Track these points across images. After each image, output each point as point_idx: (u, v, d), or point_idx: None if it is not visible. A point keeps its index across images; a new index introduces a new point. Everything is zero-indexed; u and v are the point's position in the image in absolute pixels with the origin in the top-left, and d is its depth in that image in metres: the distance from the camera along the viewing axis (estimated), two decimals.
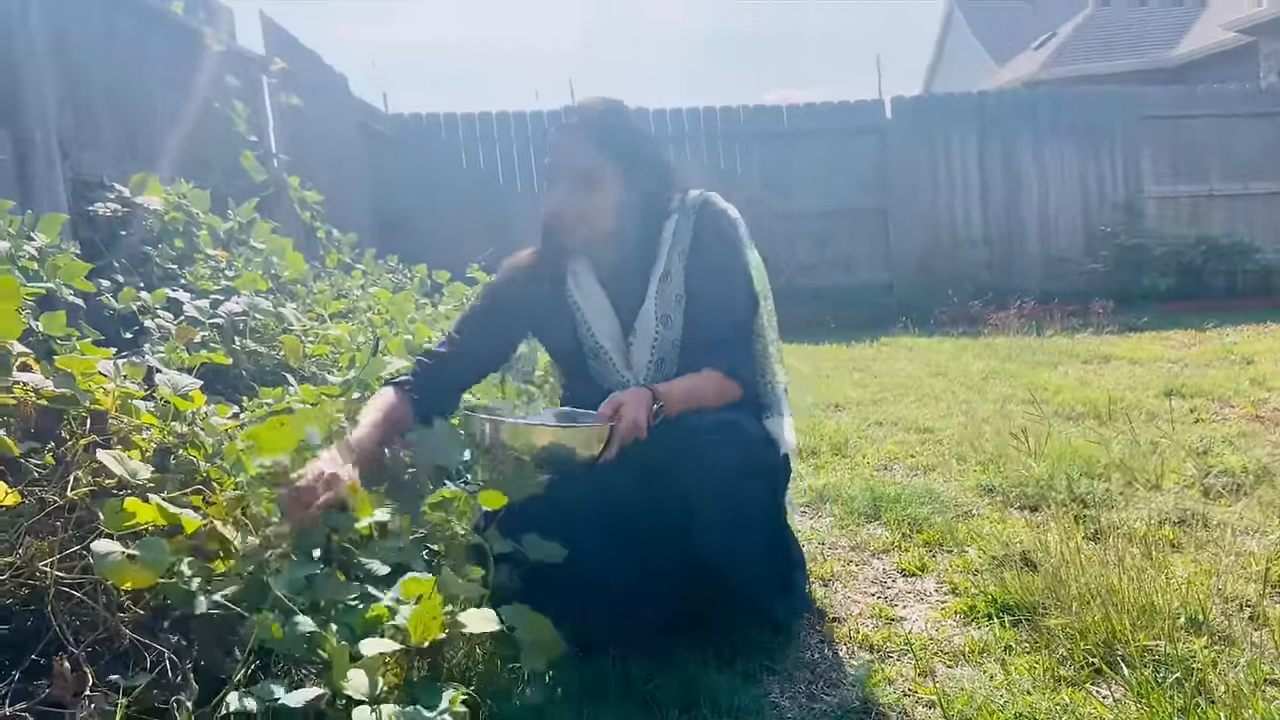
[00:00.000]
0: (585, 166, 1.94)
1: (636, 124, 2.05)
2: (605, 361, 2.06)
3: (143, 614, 1.50)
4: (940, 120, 10.33)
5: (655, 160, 2.04)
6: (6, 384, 1.67)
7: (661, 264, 2.02)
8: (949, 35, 27.92)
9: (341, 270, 5.20)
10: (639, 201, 2.00)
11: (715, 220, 2.07)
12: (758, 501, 1.94)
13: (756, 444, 1.93)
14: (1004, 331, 7.77)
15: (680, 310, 2.02)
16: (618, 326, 2.05)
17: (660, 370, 2.03)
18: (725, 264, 2.04)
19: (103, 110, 3.81)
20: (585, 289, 2.06)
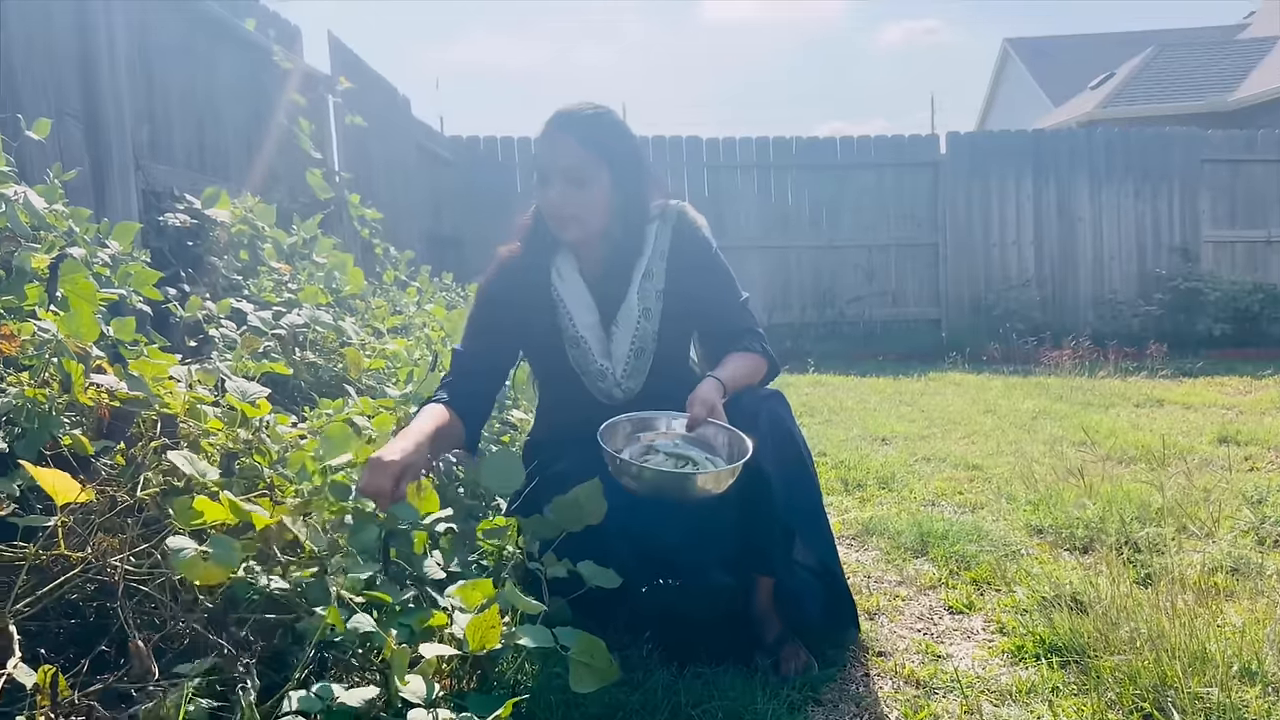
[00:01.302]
0: (576, 166, 2.03)
1: (623, 129, 2.13)
2: (585, 350, 2.17)
3: (206, 612, 1.53)
4: (995, 157, 10.29)
5: (642, 164, 2.13)
6: (84, 385, 1.73)
7: (644, 263, 2.15)
8: (1004, 73, 27.78)
9: (397, 287, 5.29)
10: (626, 202, 2.10)
11: (693, 227, 2.21)
12: (802, 444, 2.06)
13: (790, 408, 2.11)
14: (1055, 371, 7.69)
15: (659, 305, 2.15)
16: (598, 318, 2.16)
17: (640, 359, 2.16)
18: (712, 263, 2.20)
19: (176, 124, 3.92)
20: (567, 281, 2.17)
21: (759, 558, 2.00)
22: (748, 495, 1.90)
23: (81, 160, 3.01)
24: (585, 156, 2.01)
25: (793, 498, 1.96)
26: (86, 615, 1.63)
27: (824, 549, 2.10)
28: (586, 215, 2.05)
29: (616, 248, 2.13)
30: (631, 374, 2.14)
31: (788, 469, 1.95)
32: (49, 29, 2.94)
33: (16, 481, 1.54)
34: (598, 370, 2.15)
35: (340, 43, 5.93)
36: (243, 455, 1.85)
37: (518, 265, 2.20)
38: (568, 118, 2.05)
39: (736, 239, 9.81)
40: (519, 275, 2.19)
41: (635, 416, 2.01)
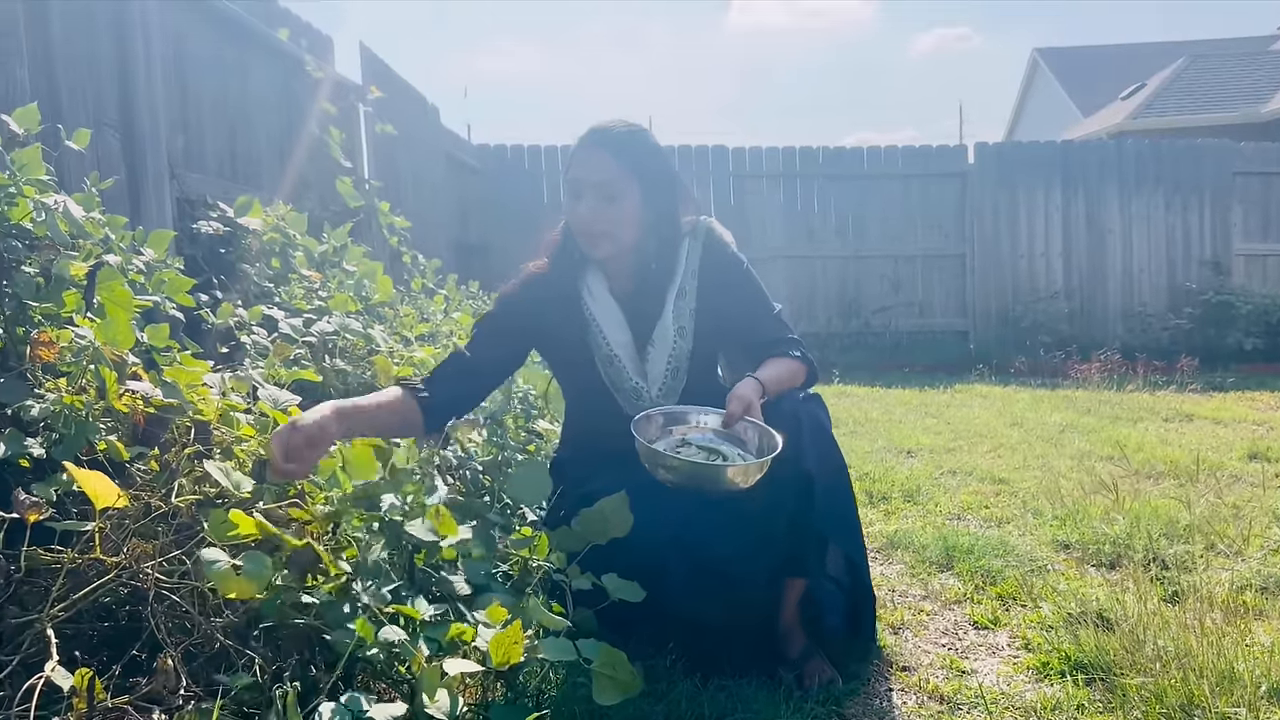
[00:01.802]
0: (608, 181, 2.04)
1: (655, 145, 2.14)
2: (619, 369, 2.17)
3: (235, 620, 1.56)
4: (1023, 168, 10.23)
5: (673, 181, 2.14)
6: (119, 391, 1.75)
7: (678, 281, 2.16)
8: (1033, 83, 27.63)
9: (425, 294, 5.33)
10: (658, 219, 2.11)
11: (722, 243, 2.22)
12: (844, 463, 2.08)
13: (827, 409, 2.15)
14: (1083, 385, 7.64)
15: (693, 324, 2.16)
16: (631, 338, 2.16)
17: (676, 378, 2.17)
18: (744, 279, 2.21)
19: (209, 133, 3.98)
20: (598, 299, 2.18)
21: (796, 560, 2.00)
22: (789, 495, 1.91)
23: (118, 169, 3.06)
24: (618, 172, 2.02)
25: (832, 502, 1.97)
26: (119, 619, 1.66)
27: (857, 555, 2.11)
28: (617, 231, 2.06)
29: (648, 266, 2.14)
30: (667, 393, 2.15)
31: (829, 475, 1.97)
32: (90, 42, 2.99)
33: (54, 486, 1.57)
34: (631, 389, 2.16)
35: (371, 52, 5.99)
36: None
37: (546, 281, 2.20)
38: (601, 134, 2.06)
39: (762, 249, 9.81)
40: (547, 290, 2.19)
41: (668, 410, 2.04)
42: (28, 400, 1.66)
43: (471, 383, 2.14)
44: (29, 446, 1.62)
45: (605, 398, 2.19)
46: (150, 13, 3.32)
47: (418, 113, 7.19)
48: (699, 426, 2.01)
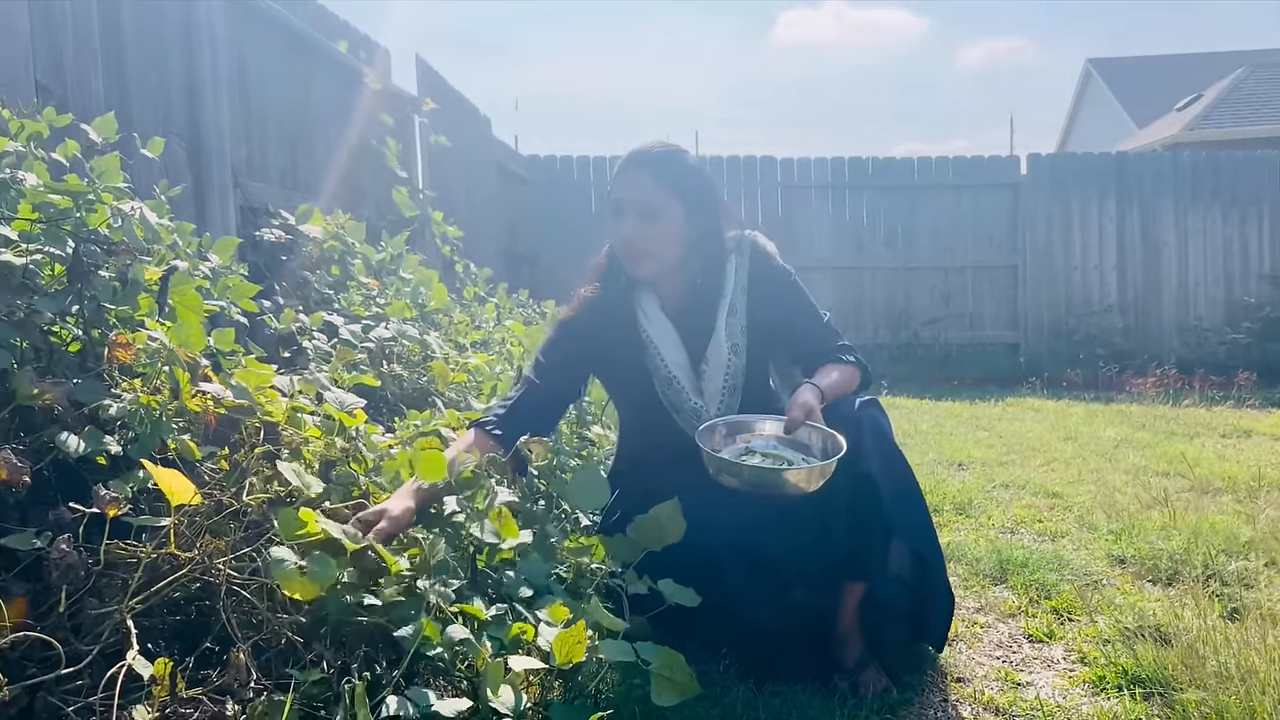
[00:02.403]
0: (648, 200, 2.07)
1: (696, 165, 2.17)
2: (678, 390, 2.19)
3: (302, 617, 1.59)
4: (1076, 180, 10.11)
5: (713, 199, 2.16)
6: (192, 392, 1.81)
7: (728, 298, 2.17)
8: (1086, 93, 27.28)
9: (477, 302, 5.39)
10: (700, 237, 2.13)
11: (768, 257, 2.24)
12: (906, 462, 2.07)
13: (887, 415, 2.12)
14: (1138, 399, 7.53)
15: (745, 340, 2.18)
16: (686, 357, 2.18)
17: (733, 396, 2.18)
18: (793, 290, 2.23)
19: (271, 143, 4.07)
20: (654, 321, 2.20)
21: (857, 564, 2.00)
22: (854, 500, 1.92)
23: (184, 177, 3.14)
24: (657, 191, 2.07)
25: (900, 500, 1.98)
26: (189, 613, 1.70)
27: (930, 552, 2.10)
28: (659, 249, 2.09)
29: (696, 284, 2.16)
30: (725, 411, 2.16)
31: (894, 474, 1.98)
32: (159, 55, 3.08)
33: (130, 483, 1.62)
34: (691, 409, 2.17)
35: (427, 65, 6.08)
36: (340, 463, 1.92)
37: (600, 304, 2.22)
38: (642, 155, 2.11)
39: (810, 259, 9.79)
40: (603, 314, 2.21)
41: (730, 419, 2.06)
42: (105, 400, 1.72)
43: (545, 411, 2.19)
44: (107, 444, 1.68)
45: (663, 417, 2.21)
46: (217, 26, 3.41)
47: (470, 124, 7.28)
48: (762, 434, 2.03)
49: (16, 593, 1.50)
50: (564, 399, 2.28)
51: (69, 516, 1.57)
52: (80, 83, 2.62)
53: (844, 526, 1.95)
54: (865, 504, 1.94)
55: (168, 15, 3.13)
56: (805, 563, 1.95)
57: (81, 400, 1.72)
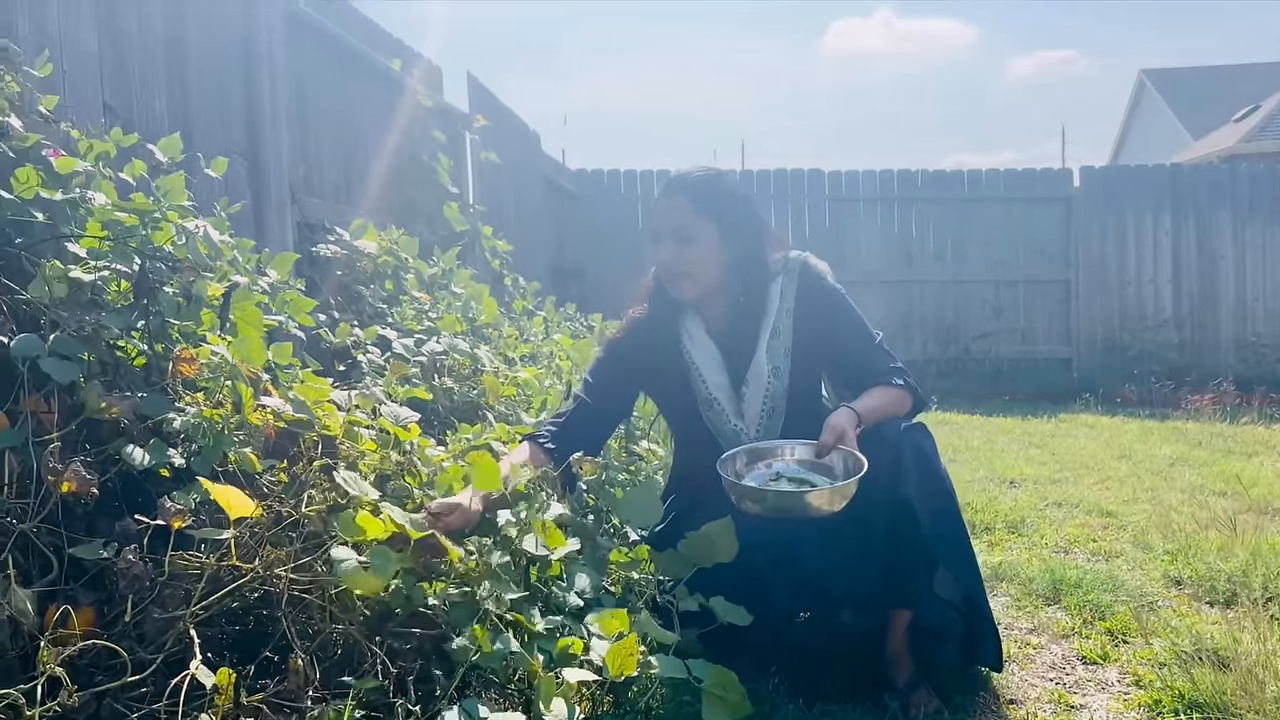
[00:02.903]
0: (685, 225, 2.11)
1: (734, 188, 2.19)
2: (718, 412, 2.20)
3: (359, 625, 1.62)
4: (1130, 192, 9.96)
5: (753, 222, 2.18)
6: (253, 406, 1.85)
7: (771, 319, 2.16)
8: (1140, 104, 26.88)
9: (525, 316, 5.43)
10: (740, 259, 2.14)
11: (818, 278, 2.21)
12: (946, 475, 2.03)
13: (933, 438, 2.07)
14: (1195, 416, 7.38)
15: (788, 363, 2.16)
16: (728, 379, 2.19)
17: (772, 419, 2.17)
18: (843, 311, 2.20)
19: (327, 160, 4.14)
20: (698, 343, 2.22)
21: (900, 590, 1.99)
22: (892, 525, 1.91)
23: (244, 195, 3.22)
24: (693, 215, 2.10)
25: (938, 528, 1.95)
26: (248, 623, 1.74)
27: (970, 580, 2.07)
28: (696, 271, 2.12)
29: (739, 306, 2.17)
30: (764, 434, 2.16)
31: (932, 500, 1.94)
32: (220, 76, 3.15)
33: (193, 495, 1.66)
34: (731, 431, 2.19)
35: (478, 82, 6.16)
36: (395, 476, 1.95)
37: (647, 325, 2.27)
38: (679, 180, 2.16)
39: (858, 273, 9.73)
40: (649, 335, 2.26)
41: (751, 447, 2.05)
42: (169, 413, 1.77)
43: (596, 429, 2.24)
44: (170, 457, 1.73)
45: (706, 437, 2.23)
46: (276, 49, 3.49)
47: (519, 139, 7.35)
48: (784, 458, 2.01)
49: (84, 601, 1.55)
50: (614, 417, 2.34)
51: (134, 528, 1.62)
52: (144, 104, 2.69)
53: (884, 551, 1.94)
54: (904, 530, 1.92)
55: (229, 37, 3.21)
56: (851, 584, 1.94)
57: (147, 414, 1.77)
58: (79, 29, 2.44)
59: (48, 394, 1.71)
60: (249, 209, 3.26)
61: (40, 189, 1.95)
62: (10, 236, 1.96)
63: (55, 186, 1.96)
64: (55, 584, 1.57)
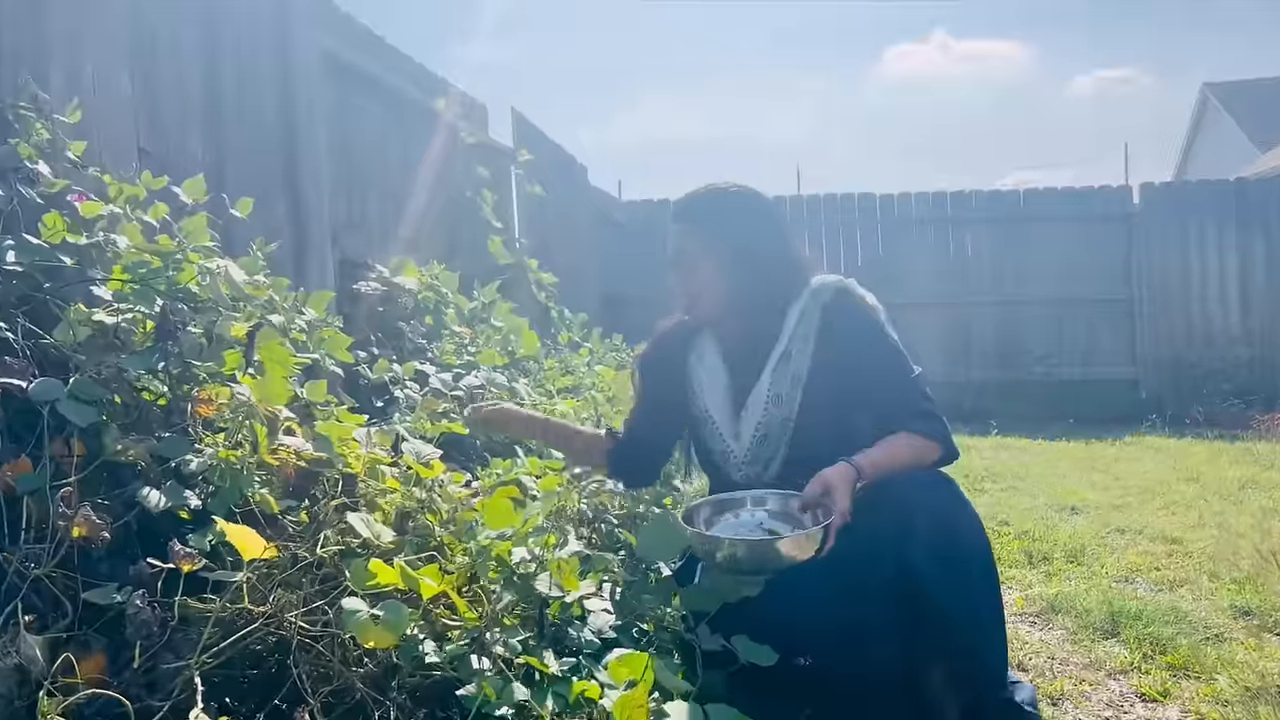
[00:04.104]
0: (688, 252, 2.07)
1: (743, 209, 2.10)
2: (712, 430, 2.14)
3: (374, 671, 1.59)
4: (1194, 209, 9.68)
5: (764, 245, 2.08)
6: (271, 446, 1.84)
7: (782, 345, 2.06)
8: (1203, 119, 26.26)
9: (571, 348, 5.42)
10: (745, 284, 2.05)
11: (850, 304, 2.07)
12: (978, 544, 1.85)
13: (963, 497, 1.89)
14: (1266, 437, 7.11)
15: (797, 392, 2.04)
16: (729, 400, 2.11)
17: (764, 445, 2.06)
18: (872, 341, 2.03)
19: (370, 198, 4.18)
20: (707, 361, 2.17)
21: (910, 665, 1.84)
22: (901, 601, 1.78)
23: (284, 234, 3.24)
24: (693, 243, 2.06)
25: (952, 606, 1.77)
26: (269, 667, 1.72)
27: (992, 663, 1.89)
28: (700, 298, 2.08)
29: (751, 329, 2.09)
30: (753, 460, 2.07)
31: (949, 573, 1.76)
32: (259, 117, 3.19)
33: (208, 537, 1.65)
34: (721, 451, 2.12)
35: (522, 117, 6.20)
36: (416, 514, 1.92)
37: (666, 341, 2.26)
38: (682, 205, 2.11)
39: (913, 295, 9.58)
40: (666, 351, 2.25)
41: (718, 498, 1.97)
42: (188, 455, 1.76)
43: (641, 450, 2.29)
44: (187, 499, 1.71)
45: (705, 456, 2.19)
46: (314, 87, 3.53)
47: (566, 172, 7.38)
48: (751, 509, 1.92)
49: (96, 647, 1.54)
50: (654, 437, 2.29)
51: (148, 571, 1.60)
52: (180, 146, 2.73)
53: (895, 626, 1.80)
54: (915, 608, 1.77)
55: (266, 78, 3.25)
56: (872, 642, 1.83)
57: (166, 455, 1.76)
58: (113, 75, 2.48)
59: (68, 437, 1.72)
60: (289, 248, 3.28)
61: (66, 234, 1.98)
62: (39, 281, 1.98)
63: (80, 231, 1.99)
64: (71, 629, 1.56)
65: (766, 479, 2.07)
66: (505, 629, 1.50)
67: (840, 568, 1.71)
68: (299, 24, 3.42)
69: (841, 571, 1.72)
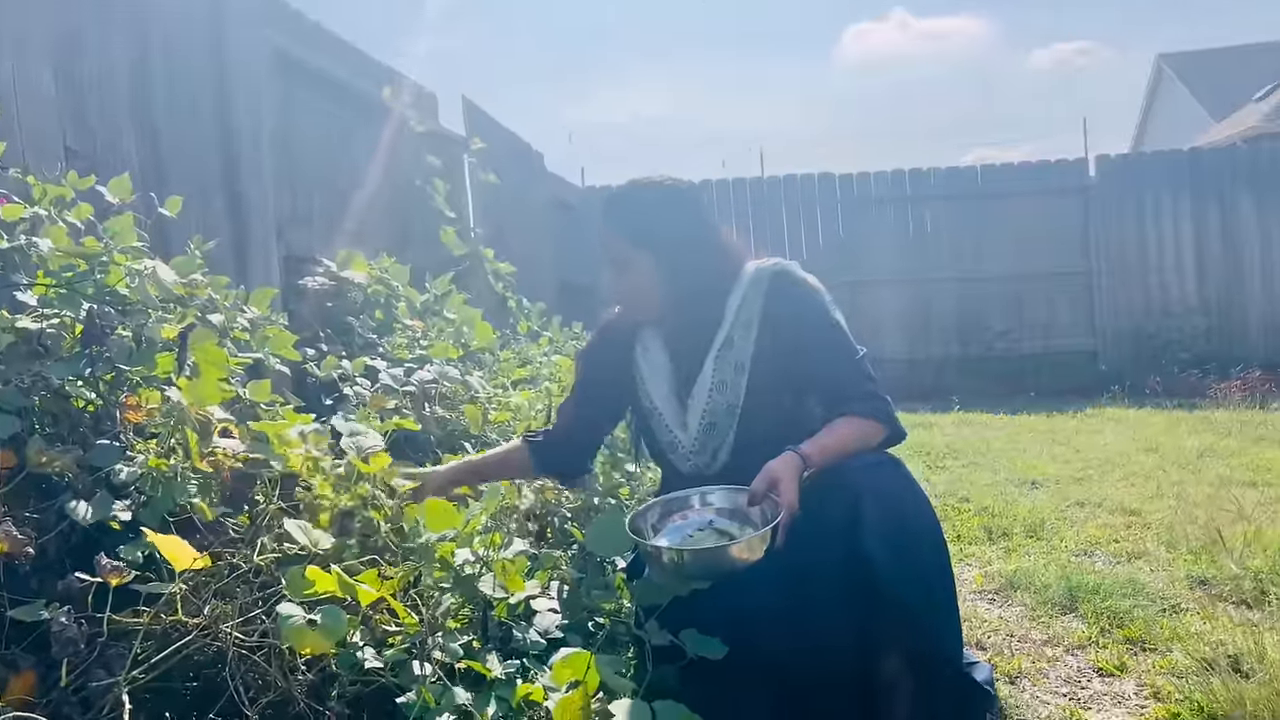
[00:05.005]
0: (614, 251, 2.05)
1: (673, 202, 2.05)
2: (659, 422, 2.12)
3: (313, 680, 1.55)
4: (1150, 180, 9.76)
5: (698, 236, 2.05)
6: (202, 451, 1.78)
7: (724, 332, 2.03)
8: (1159, 90, 26.52)
9: (530, 337, 5.37)
10: (681, 277, 2.02)
11: (790, 287, 2.04)
12: (926, 524, 1.84)
13: (909, 478, 1.87)
14: (1224, 404, 7.20)
15: (741, 378, 2.01)
16: (673, 390, 2.10)
17: (710, 434, 2.04)
18: (815, 321, 2.01)
19: (315, 191, 4.10)
20: (650, 352, 2.14)
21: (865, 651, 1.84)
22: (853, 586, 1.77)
23: (222, 231, 3.16)
24: (623, 242, 2.02)
25: (904, 591, 1.76)
26: (211, 678, 1.67)
27: (951, 645, 1.89)
28: (631, 299, 2.07)
29: (690, 320, 2.06)
30: (700, 450, 2.05)
31: (899, 558, 1.75)
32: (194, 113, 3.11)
33: (139, 548, 1.60)
34: (669, 442, 2.10)
35: (474, 105, 6.12)
36: (359, 510, 1.88)
37: (610, 335, 2.24)
38: (611, 204, 2.06)
39: (874, 274, 9.61)
40: (611, 344, 2.22)
41: (666, 499, 1.93)
42: (118, 464, 1.70)
43: (582, 436, 2.26)
44: (117, 510, 1.66)
45: (654, 446, 2.17)
46: (254, 80, 3.45)
47: (522, 159, 7.31)
48: (699, 509, 1.88)
49: (24, 666, 1.49)
50: (598, 423, 2.30)
51: (77, 585, 1.55)
52: (109, 144, 2.65)
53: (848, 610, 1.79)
54: (867, 593, 1.76)
55: (202, 74, 3.17)
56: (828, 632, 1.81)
57: (94, 465, 1.71)
58: (34, 73, 2.40)
59: None
60: (229, 245, 3.21)
61: None
62: None
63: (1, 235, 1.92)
64: None
65: (715, 469, 2.04)
66: (447, 633, 1.46)
67: (789, 554, 1.69)
68: (233, 20, 3.33)
69: (790, 558, 1.69)
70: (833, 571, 1.76)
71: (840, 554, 1.75)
